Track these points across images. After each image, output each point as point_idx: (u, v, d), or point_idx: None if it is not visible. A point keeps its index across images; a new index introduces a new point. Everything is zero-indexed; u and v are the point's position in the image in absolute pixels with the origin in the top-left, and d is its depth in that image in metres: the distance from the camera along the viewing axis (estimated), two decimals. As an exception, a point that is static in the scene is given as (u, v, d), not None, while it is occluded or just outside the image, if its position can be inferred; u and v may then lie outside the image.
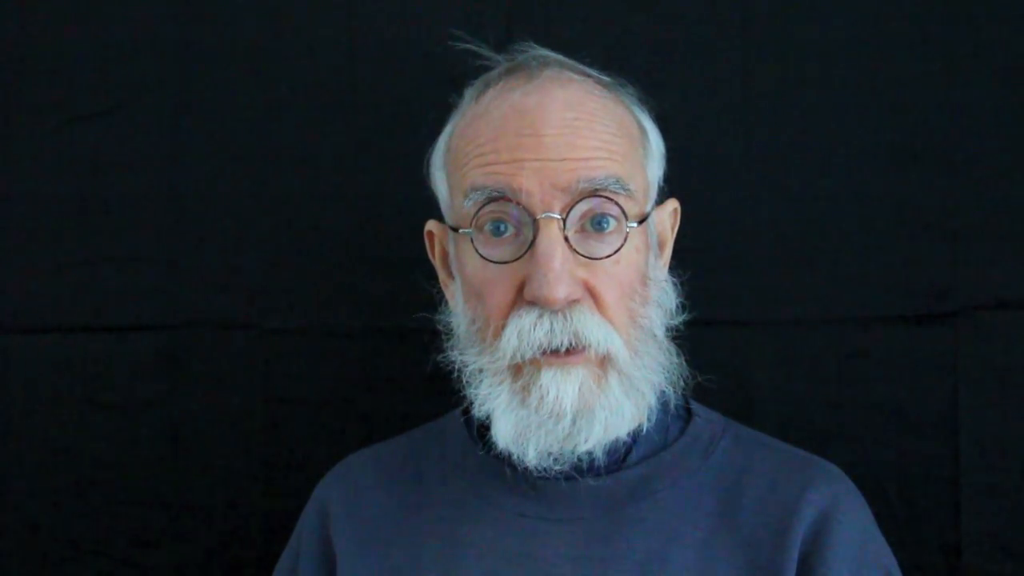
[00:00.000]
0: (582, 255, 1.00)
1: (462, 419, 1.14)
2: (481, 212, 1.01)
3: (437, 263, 1.14)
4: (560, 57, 1.09)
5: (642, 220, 1.04)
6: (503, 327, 1.00)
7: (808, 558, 1.01)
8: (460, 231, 1.04)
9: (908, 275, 1.32)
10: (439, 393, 1.14)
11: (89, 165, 1.43)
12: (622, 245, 1.01)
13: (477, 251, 1.01)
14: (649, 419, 1.06)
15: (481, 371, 1.03)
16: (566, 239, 0.99)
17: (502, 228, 1.01)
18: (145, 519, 1.42)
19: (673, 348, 1.07)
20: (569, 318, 0.98)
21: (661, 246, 1.11)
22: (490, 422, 1.03)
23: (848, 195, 1.34)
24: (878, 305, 1.33)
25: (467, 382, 1.05)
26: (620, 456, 1.06)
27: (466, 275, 1.04)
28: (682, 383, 1.08)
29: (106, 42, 1.44)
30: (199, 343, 1.42)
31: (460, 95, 1.11)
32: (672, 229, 1.13)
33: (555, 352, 0.99)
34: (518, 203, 0.99)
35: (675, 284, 1.10)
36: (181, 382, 1.42)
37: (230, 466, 1.41)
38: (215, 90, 1.43)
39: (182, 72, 1.43)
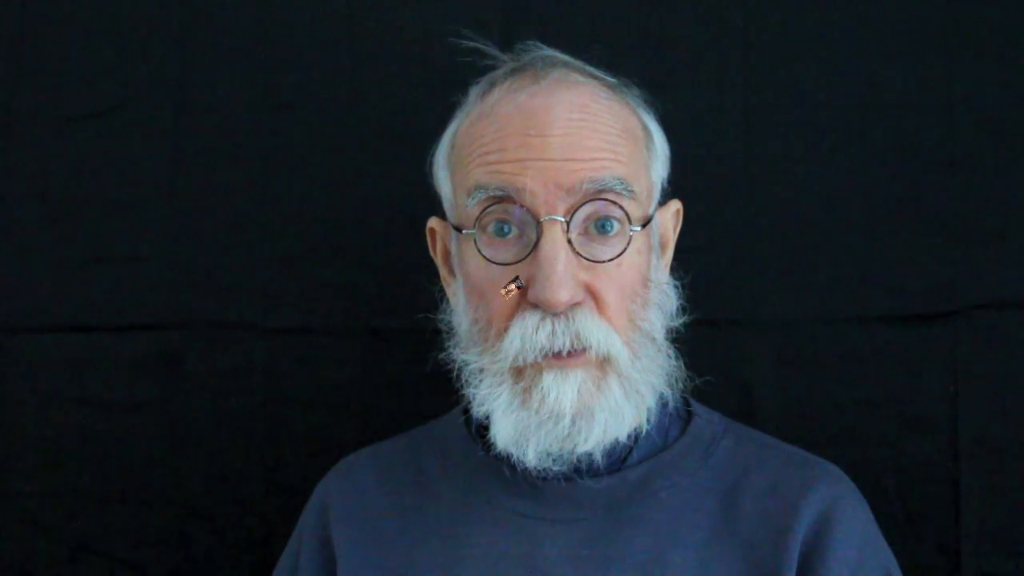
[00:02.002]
0: (585, 258, 0.99)
1: (462, 419, 1.14)
2: (485, 213, 1.01)
3: (438, 260, 1.14)
4: (566, 58, 1.08)
5: (645, 223, 1.04)
6: (506, 329, 1.00)
7: (808, 559, 1.01)
8: (464, 232, 1.04)
9: (908, 275, 1.32)
10: (439, 393, 1.14)
11: (89, 165, 1.43)
12: (625, 248, 1.01)
13: (480, 252, 1.01)
14: (648, 421, 1.06)
15: (482, 371, 1.03)
16: (569, 242, 0.98)
17: (506, 229, 1.01)
18: (145, 519, 1.42)
19: (673, 351, 1.07)
20: (571, 320, 0.98)
21: (663, 247, 1.11)
22: (489, 422, 1.03)
23: (848, 195, 1.34)
24: (878, 305, 1.33)
25: (467, 381, 1.05)
26: (620, 457, 1.06)
27: (468, 275, 1.04)
28: (681, 385, 1.08)
29: (106, 42, 1.44)
30: (199, 343, 1.42)
31: (464, 94, 1.10)
32: (674, 230, 1.13)
33: (557, 355, 0.99)
34: (522, 204, 0.99)
35: (676, 287, 1.10)
36: (181, 382, 1.42)
37: (230, 466, 1.41)
38: (215, 90, 1.43)
39: (182, 72, 1.43)
